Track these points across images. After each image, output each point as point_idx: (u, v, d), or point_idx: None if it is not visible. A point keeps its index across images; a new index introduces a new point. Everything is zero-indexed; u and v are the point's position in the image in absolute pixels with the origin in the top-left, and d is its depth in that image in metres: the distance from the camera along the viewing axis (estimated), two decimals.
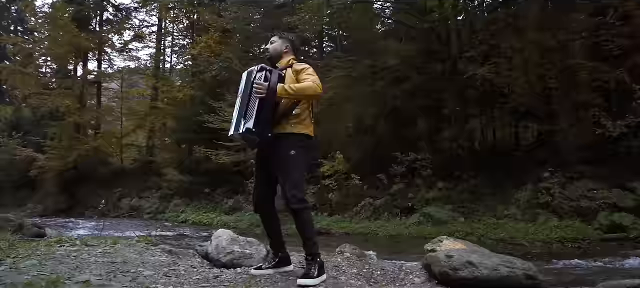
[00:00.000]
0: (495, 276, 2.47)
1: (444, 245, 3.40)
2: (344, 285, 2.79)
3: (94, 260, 3.60)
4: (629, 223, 8.51)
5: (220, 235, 3.97)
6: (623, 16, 10.75)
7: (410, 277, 3.45)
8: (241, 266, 3.64)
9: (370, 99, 14.89)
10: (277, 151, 2.92)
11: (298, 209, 2.90)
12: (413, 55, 13.22)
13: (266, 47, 3.23)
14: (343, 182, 13.01)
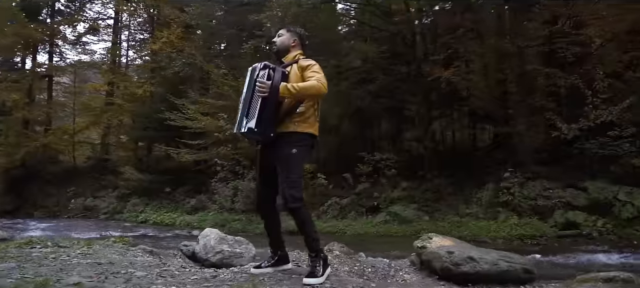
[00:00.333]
0: (496, 270, 2.58)
1: (434, 242, 3.50)
2: (346, 282, 2.81)
3: (76, 261, 3.45)
4: (582, 221, 9.07)
5: (208, 234, 3.91)
6: (575, 25, 11.45)
7: (401, 274, 3.53)
8: (232, 265, 3.60)
9: (336, 99, 15.01)
10: (278, 150, 2.88)
11: (295, 208, 2.87)
12: (379, 56, 13.42)
13: (274, 40, 3.14)
14: (309, 181, 13.02)
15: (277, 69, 2.82)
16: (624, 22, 10.48)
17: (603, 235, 8.81)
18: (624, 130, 9.46)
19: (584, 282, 2.88)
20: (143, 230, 11.95)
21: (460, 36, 12.32)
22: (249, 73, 2.95)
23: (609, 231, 8.84)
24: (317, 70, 2.86)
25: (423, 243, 3.59)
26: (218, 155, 13.96)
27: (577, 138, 10.00)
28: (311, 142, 2.96)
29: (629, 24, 10.46)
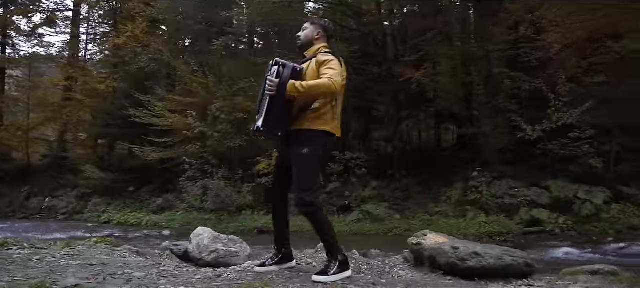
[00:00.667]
0: (500, 265, 2.68)
1: (429, 239, 3.58)
2: (356, 280, 2.83)
3: (65, 263, 3.29)
4: (546, 218, 9.51)
5: (201, 233, 3.83)
6: (537, 30, 11.98)
7: (396, 271, 3.58)
8: (228, 264, 3.54)
9: None
10: (291, 149, 2.83)
11: (307, 213, 2.82)
12: (350, 56, 13.53)
13: (298, 34, 3.05)
14: None
15: (287, 66, 2.72)
16: (583, 29, 11.06)
17: (564, 232, 9.27)
18: (583, 132, 9.98)
19: (576, 275, 3.03)
20: (108, 230, 11.52)
21: (430, 39, 12.62)
22: (267, 69, 2.90)
23: (569, 227, 9.32)
24: (332, 66, 2.73)
25: (418, 240, 3.66)
26: (186, 153, 13.67)
27: (540, 139, 10.46)
28: (326, 140, 2.83)
29: (587, 32, 11.05)
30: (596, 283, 2.54)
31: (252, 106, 13.97)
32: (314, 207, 2.83)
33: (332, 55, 2.81)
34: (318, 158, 2.87)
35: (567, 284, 2.58)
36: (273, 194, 3.11)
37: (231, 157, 14.36)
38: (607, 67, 11.08)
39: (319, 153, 2.85)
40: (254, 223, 11.59)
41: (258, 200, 13.07)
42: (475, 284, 2.60)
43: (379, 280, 2.77)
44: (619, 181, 10.23)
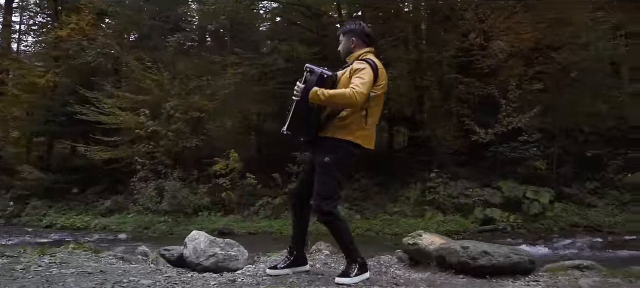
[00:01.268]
0: (509, 262, 2.83)
1: (425, 238, 3.71)
2: (374, 281, 2.87)
3: (57, 272, 3.09)
4: (498, 217, 10.07)
5: (196, 237, 3.70)
6: (486, 38, 12.68)
7: (392, 270, 3.67)
8: (228, 269, 3.45)
9: (262, 97, 14.92)
10: (315, 156, 2.84)
11: (325, 221, 2.82)
12: (311, 58, 13.58)
13: (338, 49, 3.04)
14: (238, 180, 12.77)
15: (315, 71, 2.72)
16: (528, 40, 11.85)
17: (515, 229, 9.87)
18: (531, 135, 10.68)
19: (559, 271, 3.25)
20: (55, 235, 10.80)
21: (386, 43, 12.95)
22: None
23: (519, 225, 9.94)
24: (361, 75, 2.67)
25: (414, 241, 3.77)
26: (138, 153, 13.09)
27: (492, 142, 11.06)
28: (350, 150, 2.80)
29: (533, 42, 11.85)
30: (594, 277, 2.75)
31: (209, 105, 13.71)
32: (332, 215, 2.83)
33: (367, 63, 2.75)
34: (340, 168, 2.84)
35: (569, 279, 2.77)
36: (297, 196, 3.09)
37: (186, 157, 13.93)
38: (549, 76, 11.96)
39: (342, 162, 2.82)
40: (213, 224, 11.32)
41: (215, 201, 12.80)
42: (487, 281, 2.73)
43: (399, 281, 2.83)
44: (561, 182, 11.05)
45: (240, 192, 12.71)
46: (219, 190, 12.97)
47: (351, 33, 2.96)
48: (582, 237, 8.81)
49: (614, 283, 2.55)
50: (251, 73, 12.97)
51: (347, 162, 2.89)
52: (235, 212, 12.44)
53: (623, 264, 4.54)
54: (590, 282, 2.58)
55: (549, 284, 2.62)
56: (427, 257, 3.70)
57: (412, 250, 3.81)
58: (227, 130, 15.01)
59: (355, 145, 2.80)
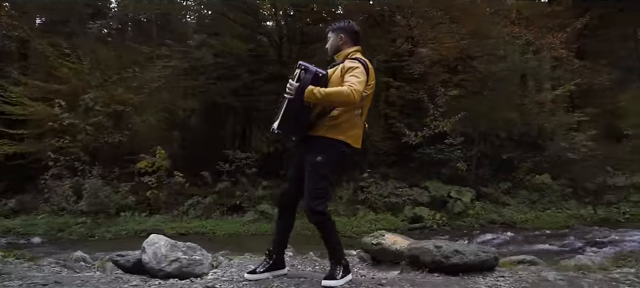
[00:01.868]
0: (478, 260, 3.01)
1: (388, 238, 3.84)
2: (359, 282, 2.90)
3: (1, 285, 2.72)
4: (426, 215, 10.63)
5: (156, 241, 3.49)
6: (414, 44, 13.34)
7: (356, 270, 3.75)
8: (193, 274, 3.29)
9: (193, 93, 14.37)
10: (306, 155, 2.78)
11: (316, 221, 2.81)
12: (247, 54, 13.35)
13: (326, 47, 2.98)
14: (165, 178, 12.16)
15: (309, 70, 2.66)
16: (453, 49, 12.67)
17: (441, 227, 10.48)
18: (455, 139, 11.42)
19: (515, 266, 3.53)
20: None
21: (320, 46, 13.10)
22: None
23: (444, 223, 10.57)
24: (356, 74, 2.65)
25: (378, 240, 3.89)
26: (50, 147, 11.93)
27: (420, 144, 11.66)
28: (342, 149, 2.79)
29: (457, 51, 12.69)
30: (552, 271, 3.02)
31: (134, 99, 12.88)
32: (324, 216, 2.82)
33: (359, 62, 2.75)
34: (332, 168, 2.82)
35: (528, 273, 3.02)
36: (286, 198, 3.03)
37: (106, 153, 12.96)
38: (470, 84, 12.89)
39: (334, 162, 2.81)
40: (139, 225, 10.67)
41: (139, 201, 12.08)
42: (460, 279, 2.88)
43: (381, 281, 2.88)
44: (479, 182, 11.94)
45: (168, 191, 12.12)
46: (144, 188, 12.26)
47: (340, 30, 2.94)
48: (500, 232, 9.57)
49: (573, 276, 2.82)
50: (183, 66, 12.39)
51: (339, 161, 2.88)
52: (162, 212, 11.84)
53: (547, 257, 5.03)
54: (554, 275, 2.83)
55: (516, 279, 2.83)
56: (390, 256, 3.82)
57: (375, 249, 3.91)
58: (151, 126, 14.20)
59: (346, 145, 2.80)
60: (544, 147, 12.39)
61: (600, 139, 13.15)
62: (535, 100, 12.95)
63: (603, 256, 5.30)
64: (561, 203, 10.99)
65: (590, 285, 2.58)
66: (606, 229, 9.17)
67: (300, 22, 13.39)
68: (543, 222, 10.33)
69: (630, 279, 2.69)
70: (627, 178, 11.23)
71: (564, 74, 13.74)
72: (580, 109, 13.33)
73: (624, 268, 3.19)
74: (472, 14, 12.24)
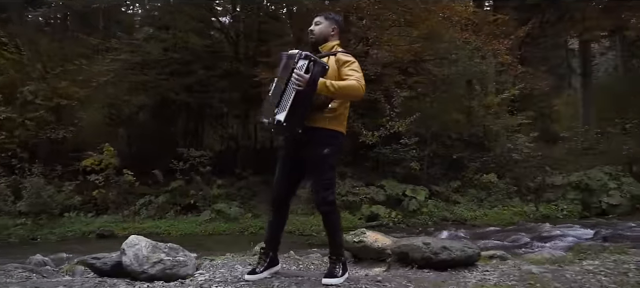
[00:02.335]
0: (464, 255, 3.13)
1: (369, 236, 3.91)
2: (358, 279, 2.92)
3: None
4: (382, 213, 10.86)
5: (136, 242, 3.33)
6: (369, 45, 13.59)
7: None
8: (179, 276, 3.19)
9: (142, 88, 13.80)
10: (309, 148, 2.74)
11: (328, 211, 2.82)
12: (203, 50, 13.00)
13: (311, 29, 2.88)
14: (114, 177, 11.59)
15: (318, 62, 2.63)
16: (408, 52, 13.04)
17: (396, 224, 10.74)
18: (410, 139, 11.77)
19: (490, 260, 3.72)
20: None
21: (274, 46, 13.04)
22: (285, 58, 2.71)
23: (400, 221, 10.85)
24: (356, 68, 2.71)
25: (360, 238, 3.95)
26: None
27: (376, 144, 11.91)
28: (342, 140, 2.86)
29: (411, 54, 13.07)
30: (527, 265, 3.21)
31: (80, 93, 12.15)
32: (335, 205, 2.85)
33: (353, 57, 2.80)
34: (336, 158, 2.88)
35: (508, 267, 3.19)
36: (281, 196, 2.98)
37: (47, 150, 12.17)
38: (423, 86, 13.34)
39: (337, 152, 2.87)
40: (86, 227, 10.13)
41: (86, 201, 11.45)
42: (449, 274, 3.00)
43: (376, 278, 2.92)
44: (431, 181, 12.38)
45: (117, 190, 11.56)
46: (90, 187, 11.62)
47: (334, 21, 2.94)
48: (453, 229, 9.98)
49: (554, 269, 3.01)
50: (135, 61, 11.86)
51: (340, 151, 2.98)
52: (111, 212, 11.30)
53: (511, 251, 5.30)
54: (536, 268, 3.01)
55: (501, 273, 2.98)
56: (372, 254, 3.90)
57: (357, 247, 3.97)
58: (97, 121, 13.49)
59: (343, 136, 2.88)
60: (490, 148, 13.05)
61: (539, 141, 14.11)
62: (483, 103, 13.60)
63: (557, 249, 5.69)
64: (506, 201, 11.63)
65: (572, 276, 2.78)
66: (548, 225, 9.82)
67: (258, 19, 13.22)
68: (491, 219, 10.88)
69: (603, 270, 2.92)
70: (564, 177, 12.06)
71: (508, 79, 14.58)
72: (521, 112, 14.17)
73: (587, 260, 3.44)
74: (425, 18, 12.64)
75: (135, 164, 12.21)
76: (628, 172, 12.21)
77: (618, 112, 14.56)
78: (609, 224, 9.64)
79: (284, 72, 2.70)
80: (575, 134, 13.67)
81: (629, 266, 3.00)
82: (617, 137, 13.63)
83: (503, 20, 14.37)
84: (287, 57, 2.74)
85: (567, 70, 27.20)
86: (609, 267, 3.04)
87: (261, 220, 10.66)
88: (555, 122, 19.63)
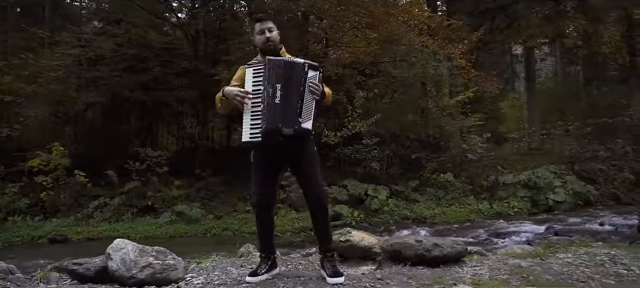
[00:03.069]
0: (454, 251, 3.24)
1: (355, 235, 3.95)
2: (360, 278, 2.94)
3: None
4: (345, 212, 10.97)
5: (122, 246, 3.20)
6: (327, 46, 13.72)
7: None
8: (169, 281, 3.09)
9: (93, 84, 13.14)
10: (305, 149, 2.83)
11: (326, 206, 2.94)
12: (162, 47, 12.56)
13: (268, 36, 2.83)
14: (65, 178, 10.97)
15: (319, 70, 2.75)
16: (368, 53, 13.29)
17: (359, 223, 10.85)
18: (372, 139, 11.98)
19: (472, 256, 3.87)
20: None
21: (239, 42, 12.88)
22: (285, 67, 2.67)
23: (362, 220, 10.98)
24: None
25: (346, 238, 3.99)
26: None
27: (338, 144, 12.03)
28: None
29: (371, 56, 13.32)
30: (508, 259, 3.37)
31: (26, 89, 11.35)
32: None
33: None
34: None
35: (493, 262, 3.33)
36: (265, 200, 2.93)
37: None
38: (383, 87, 13.61)
39: None
40: (35, 231, 9.51)
41: (33, 203, 10.75)
42: (442, 270, 3.09)
43: (377, 275, 2.96)
44: (391, 180, 12.65)
45: (68, 192, 10.95)
46: (37, 189, 10.94)
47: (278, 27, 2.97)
48: (414, 227, 10.26)
49: (539, 262, 3.18)
50: (87, 56, 11.26)
51: None
52: (61, 215, 10.68)
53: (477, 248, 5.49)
54: (526, 262, 3.17)
55: (491, 267, 3.11)
56: (359, 252, 3.95)
57: (343, 246, 4.00)
58: (44, 119, 12.68)
59: None
60: (446, 148, 13.53)
61: (491, 141, 14.80)
62: (439, 105, 14.06)
63: (517, 244, 6.00)
64: (462, 199, 12.08)
65: (559, 268, 2.96)
66: (502, 221, 10.34)
67: (219, 16, 12.96)
68: (449, 217, 11.26)
69: (583, 263, 3.13)
70: (515, 176, 12.71)
71: (461, 82, 15.18)
72: (473, 114, 14.79)
73: (561, 253, 3.66)
74: (384, 21, 12.90)
75: (86, 164, 11.63)
76: (570, 171, 13.05)
77: (560, 115, 15.58)
78: (557, 220, 10.26)
79: (293, 79, 2.67)
80: (522, 135, 14.44)
81: (603, 258, 3.23)
82: (560, 138, 14.56)
83: (457, 25, 14.95)
84: (290, 66, 2.71)
85: (511, 74, 28.78)
86: (585, 259, 3.26)
87: (224, 222, 10.49)
88: (502, 124, 20.67)
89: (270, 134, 2.62)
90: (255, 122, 2.70)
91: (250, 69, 2.83)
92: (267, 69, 2.69)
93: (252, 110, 2.73)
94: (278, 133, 2.63)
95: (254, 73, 2.80)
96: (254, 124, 2.71)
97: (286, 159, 2.87)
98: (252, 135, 2.70)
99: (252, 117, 2.72)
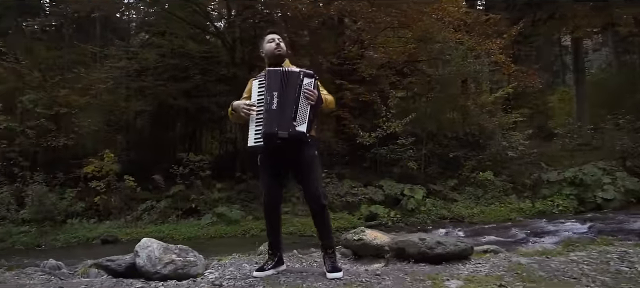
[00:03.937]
0: (458, 249, 3.31)
1: (369, 234, 4.07)
2: (359, 273, 3.09)
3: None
4: (381, 213, 11.04)
5: (148, 244, 3.50)
6: (363, 47, 13.79)
7: (339, 265, 3.96)
8: (189, 276, 3.35)
9: (141, 94, 13.94)
10: (303, 152, 2.98)
11: (324, 207, 3.07)
12: (200, 56, 13.15)
13: (282, 45, 3.12)
14: (116, 183, 11.73)
15: (315, 81, 2.93)
16: (403, 53, 13.27)
17: (395, 223, 10.92)
18: (407, 139, 11.96)
19: (483, 255, 3.89)
20: None
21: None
22: (283, 75, 2.90)
23: (399, 220, 11.02)
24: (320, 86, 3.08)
25: (359, 237, 4.11)
26: None
27: (373, 145, 12.10)
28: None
29: (406, 55, 13.30)
30: (518, 257, 3.39)
31: (80, 100, 12.26)
32: (327, 200, 3.13)
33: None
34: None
35: (499, 259, 3.37)
36: (273, 201, 3.14)
37: (48, 157, 12.30)
38: (419, 86, 13.53)
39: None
40: (90, 232, 10.25)
41: (88, 207, 11.59)
42: (444, 267, 3.17)
43: (376, 271, 3.09)
44: (428, 180, 12.56)
45: (119, 196, 11.71)
46: (91, 194, 11.77)
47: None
48: (451, 227, 10.16)
49: (540, 260, 3.19)
50: (133, 67, 12.01)
51: None
52: (113, 218, 11.44)
53: (506, 247, 5.48)
54: (524, 259, 3.19)
55: (492, 265, 3.16)
56: (371, 251, 4.06)
57: (357, 245, 4.13)
58: (97, 129, 13.62)
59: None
60: (485, 146, 13.24)
61: (535, 138, 14.32)
62: (478, 102, 13.79)
63: (550, 243, 5.87)
64: (503, 198, 11.79)
65: (557, 266, 2.96)
66: (544, 221, 10.02)
67: (253, 23, 13.39)
68: (488, 216, 11.04)
69: (586, 260, 3.11)
70: (559, 173, 12.24)
71: (502, 77, 14.79)
72: (516, 110, 14.37)
73: (575, 252, 3.62)
74: (418, 20, 12.85)
75: (135, 170, 12.35)
76: (621, 167, 12.40)
77: (611, 108, 14.78)
78: (604, 218, 9.82)
79: (290, 88, 2.88)
80: (569, 130, 13.84)
81: (612, 256, 3.18)
82: (611, 133, 13.84)
83: (495, 19, 14.59)
84: (286, 75, 2.93)
85: (561, 66, 27.52)
86: (593, 257, 3.22)
87: (262, 223, 10.76)
88: (550, 119, 19.84)
89: (268, 137, 2.83)
90: (258, 127, 2.93)
91: (256, 80, 3.08)
92: (267, 79, 2.92)
93: (256, 118, 2.95)
94: (275, 136, 2.83)
95: (258, 84, 3.05)
96: (257, 130, 2.93)
97: (287, 162, 3.05)
98: (256, 140, 2.92)
99: (256, 124, 2.95)
